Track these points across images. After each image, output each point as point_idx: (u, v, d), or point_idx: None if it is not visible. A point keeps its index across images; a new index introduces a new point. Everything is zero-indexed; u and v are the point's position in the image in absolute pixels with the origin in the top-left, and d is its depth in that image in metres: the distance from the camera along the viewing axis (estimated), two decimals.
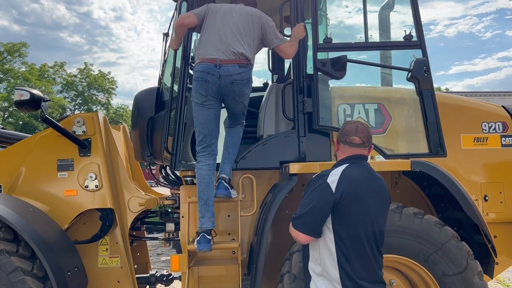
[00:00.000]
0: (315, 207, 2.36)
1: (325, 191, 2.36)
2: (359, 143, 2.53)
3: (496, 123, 3.78)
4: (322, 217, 2.37)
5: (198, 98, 3.34)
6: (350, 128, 2.56)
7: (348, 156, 2.54)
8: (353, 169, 2.47)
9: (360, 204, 2.39)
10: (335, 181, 2.37)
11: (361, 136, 2.54)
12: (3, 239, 3.21)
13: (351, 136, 2.54)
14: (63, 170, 3.87)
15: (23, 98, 3.52)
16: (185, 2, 3.67)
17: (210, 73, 3.29)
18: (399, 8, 4.17)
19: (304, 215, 2.38)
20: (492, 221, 3.57)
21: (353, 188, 2.39)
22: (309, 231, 2.38)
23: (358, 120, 2.70)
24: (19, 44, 35.03)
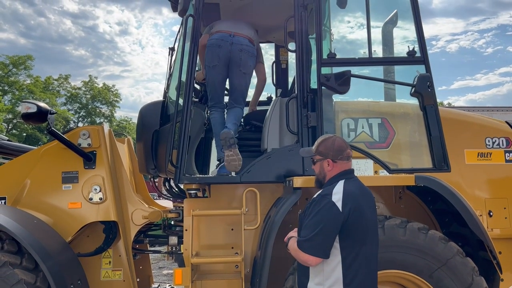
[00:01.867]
0: (325, 228, 2.32)
1: (332, 211, 2.33)
2: (351, 156, 2.57)
3: (500, 139, 3.78)
4: (332, 237, 2.34)
5: (210, 61, 3.90)
6: (341, 143, 2.57)
7: (341, 171, 2.52)
8: (351, 185, 2.46)
9: (364, 219, 2.38)
10: (340, 199, 2.35)
11: (350, 148, 2.58)
12: (7, 251, 3.21)
13: (347, 150, 2.55)
14: (68, 183, 3.88)
15: (30, 110, 3.56)
16: (191, 18, 3.72)
17: (224, 40, 3.92)
18: (402, 24, 4.21)
19: (314, 237, 2.32)
20: (497, 237, 3.54)
21: (357, 204, 2.38)
22: (320, 253, 2.33)
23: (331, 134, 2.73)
24: (25, 57, 35.42)
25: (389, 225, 3.06)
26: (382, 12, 4.32)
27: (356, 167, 3.61)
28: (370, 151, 3.55)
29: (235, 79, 4.03)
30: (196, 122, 3.99)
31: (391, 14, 4.28)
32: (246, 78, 4.04)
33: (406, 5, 3.72)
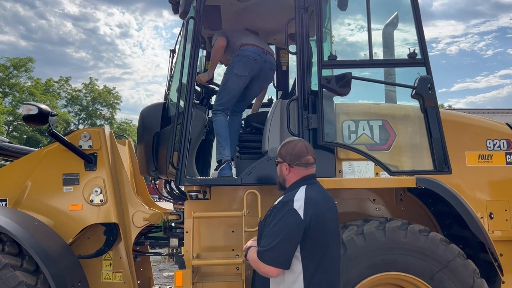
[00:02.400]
0: (287, 237, 2.23)
1: (294, 219, 2.24)
2: (313, 162, 2.47)
3: (500, 141, 3.78)
4: (294, 247, 2.25)
5: (240, 70, 4.04)
6: (301, 148, 2.47)
7: (303, 177, 2.45)
8: (312, 191, 2.39)
9: (326, 226, 2.31)
10: (301, 206, 2.27)
11: (312, 154, 2.48)
12: (8, 253, 3.21)
13: (306, 156, 2.45)
14: (69, 185, 3.88)
15: (31, 112, 3.56)
16: (192, 20, 3.72)
17: (260, 56, 4.14)
18: (403, 26, 4.22)
19: (275, 247, 2.23)
20: (498, 239, 3.53)
21: (319, 211, 2.31)
22: (281, 264, 2.24)
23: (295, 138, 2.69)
24: (25, 59, 35.46)
25: (390, 227, 3.07)
26: (383, 15, 4.33)
27: (357, 169, 3.62)
28: (371, 153, 3.55)
29: (253, 92, 4.32)
30: (197, 124, 3.99)
31: (392, 17, 4.29)
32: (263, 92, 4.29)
33: (406, 7, 3.72)
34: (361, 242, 3.02)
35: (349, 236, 3.05)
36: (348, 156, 3.61)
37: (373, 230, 3.05)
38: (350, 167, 3.64)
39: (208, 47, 5.14)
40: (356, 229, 3.09)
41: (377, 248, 3.02)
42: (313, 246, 2.27)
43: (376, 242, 3.02)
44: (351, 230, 3.09)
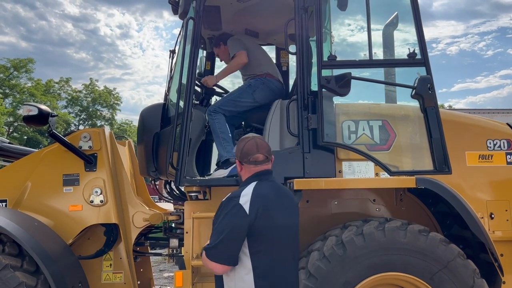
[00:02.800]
0: (231, 233, 2.23)
1: (239, 214, 2.25)
2: (263, 160, 2.48)
3: (501, 141, 3.77)
4: (239, 243, 2.26)
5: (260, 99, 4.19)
6: (250, 147, 2.48)
7: (255, 173, 2.47)
8: (262, 186, 2.40)
9: (275, 223, 2.31)
10: (247, 201, 2.28)
11: (263, 152, 2.49)
12: (8, 253, 3.21)
13: (255, 155, 2.47)
14: (69, 185, 3.88)
15: (31, 113, 3.57)
16: (191, 20, 3.73)
17: (281, 92, 4.34)
18: (403, 26, 4.22)
19: (220, 244, 2.24)
20: (498, 239, 3.52)
21: (266, 206, 2.31)
22: (227, 261, 2.25)
23: (254, 135, 2.70)
24: (26, 60, 35.48)
25: (389, 228, 3.06)
26: (383, 15, 4.33)
27: (357, 169, 3.62)
28: (371, 153, 3.55)
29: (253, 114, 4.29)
30: (197, 124, 3.99)
31: (392, 17, 4.29)
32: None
33: (406, 7, 3.72)
34: (361, 243, 3.01)
35: (349, 236, 3.04)
36: (348, 156, 3.61)
37: (373, 230, 3.04)
38: (350, 167, 3.64)
39: (208, 47, 5.14)
40: (355, 229, 3.08)
41: (377, 249, 3.01)
42: (261, 242, 2.28)
43: (375, 242, 3.01)
44: (351, 231, 3.08)
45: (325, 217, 3.73)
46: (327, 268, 2.98)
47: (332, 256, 3.00)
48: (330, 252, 3.01)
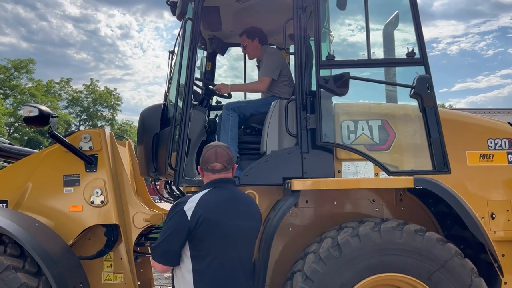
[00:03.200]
0: (170, 235, 2.39)
1: (180, 219, 2.39)
2: (220, 169, 2.57)
3: (502, 140, 3.76)
4: (176, 245, 2.40)
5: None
6: (209, 155, 2.59)
7: (212, 180, 2.59)
8: (214, 194, 2.51)
9: (219, 229, 2.40)
10: (191, 208, 2.41)
11: (221, 161, 2.58)
12: (10, 254, 3.22)
13: (212, 163, 2.57)
14: (69, 186, 3.89)
15: (32, 114, 3.57)
16: (190, 21, 3.73)
17: None
18: (403, 26, 4.22)
19: (160, 244, 2.42)
20: (500, 239, 3.51)
21: (211, 213, 2.41)
22: (164, 261, 2.42)
23: (218, 143, 2.78)
24: (26, 60, 35.53)
25: (385, 228, 3.04)
26: (383, 14, 4.33)
27: (357, 169, 3.62)
28: (370, 153, 3.55)
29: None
30: (197, 125, 4.00)
31: (392, 16, 4.29)
32: None
33: (406, 6, 3.72)
34: (357, 244, 2.99)
35: (344, 238, 3.03)
36: (347, 156, 3.61)
37: (368, 231, 3.02)
38: (349, 168, 3.64)
39: (209, 48, 5.15)
40: (351, 230, 3.07)
41: (373, 250, 2.99)
42: (202, 248, 2.39)
43: (371, 243, 3.00)
44: (346, 232, 3.07)
45: (324, 218, 3.73)
46: (323, 270, 2.97)
47: (328, 258, 2.99)
48: (326, 254, 3.00)
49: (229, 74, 17.07)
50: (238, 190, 2.67)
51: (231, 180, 2.66)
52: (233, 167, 2.67)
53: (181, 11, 3.90)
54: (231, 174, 2.67)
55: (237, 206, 2.54)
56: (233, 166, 2.67)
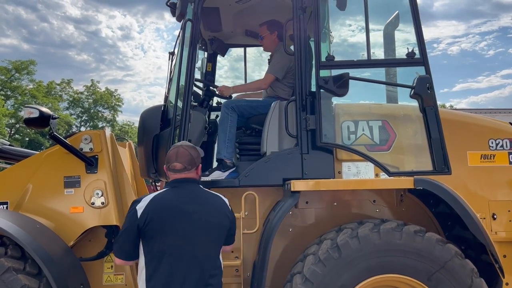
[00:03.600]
0: (124, 232, 2.54)
1: (132, 218, 2.51)
2: (180, 169, 2.61)
3: (503, 140, 3.76)
4: (129, 242, 2.52)
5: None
6: (171, 155, 2.64)
7: (173, 180, 2.63)
8: (169, 193, 2.58)
9: (168, 228, 2.46)
10: (143, 207, 2.49)
11: (181, 161, 2.61)
12: (11, 256, 3.22)
13: (173, 163, 2.62)
14: (70, 187, 3.89)
15: (32, 115, 3.57)
16: (189, 22, 3.73)
17: None
18: (403, 26, 4.22)
19: (118, 239, 2.60)
20: (501, 240, 3.51)
21: (160, 212, 2.48)
22: (120, 255, 2.57)
23: (183, 143, 2.79)
24: (27, 61, 35.57)
25: (385, 229, 3.05)
26: (383, 15, 4.33)
27: (357, 170, 3.62)
28: (371, 153, 3.55)
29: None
30: (197, 126, 3.99)
31: (392, 16, 4.29)
32: None
33: (406, 7, 3.72)
34: (356, 245, 3.00)
35: (344, 239, 3.03)
36: (347, 157, 3.61)
37: (368, 232, 3.02)
38: (350, 168, 3.64)
39: (209, 49, 5.15)
40: (350, 232, 3.07)
41: (373, 251, 2.99)
42: (153, 246, 2.46)
43: (371, 244, 3.00)
44: (345, 233, 3.07)
45: (325, 219, 3.73)
46: (322, 272, 2.97)
47: (328, 260, 2.99)
48: (325, 255, 3.00)
49: (229, 75, 17.02)
50: (199, 190, 2.65)
51: (192, 180, 2.66)
52: (196, 167, 2.67)
53: (180, 12, 3.91)
54: (194, 174, 2.68)
55: (192, 206, 2.54)
56: (197, 166, 2.67)
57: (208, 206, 2.59)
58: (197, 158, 2.69)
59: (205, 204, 2.60)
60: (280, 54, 4.28)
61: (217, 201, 2.67)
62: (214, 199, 2.67)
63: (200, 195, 2.64)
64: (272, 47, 4.47)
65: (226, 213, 2.65)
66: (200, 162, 2.72)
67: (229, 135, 4.02)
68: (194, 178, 2.68)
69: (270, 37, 4.43)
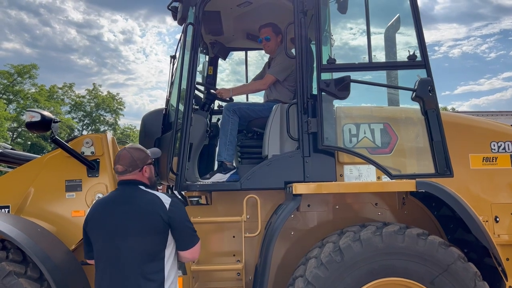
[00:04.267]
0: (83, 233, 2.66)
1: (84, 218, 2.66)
2: (121, 171, 2.64)
3: (505, 143, 3.75)
4: (85, 242, 2.67)
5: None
6: (116, 157, 2.70)
7: (118, 181, 2.69)
8: (109, 195, 2.71)
9: (101, 228, 2.54)
10: (90, 207, 2.67)
11: (122, 163, 2.63)
12: (12, 260, 3.22)
13: (115, 166, 2.68)
14: (71, 191, 3.89)
15: (34, 119, 3.58)
16: (191, 26, 3.74)
17: None
18: (404, 29, 4.22)
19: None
20: (504, 243, 3.49)
21: (96, 213, 2.59)
22: (86, 256, 2.71)
23: (131, 145, 2.78)
24: (30, 66, 35.68)
25: (387, 232, 3.03)
26: (384, 18, 4.33)
27: (359, 172, 3.62)
28: (372, 156, 3.54)
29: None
30: (199, 129, 4.00)
31: (393, 19, 4.29)
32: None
33: (407, 9, 3.72)
34: (358, 249, 2.98)
35: (346, 242, 3.02)
36: (349, 160, 3.60)
37: (370, 235, 3.01)
38: (351, 171, 3.64)
39: (210, 52, 5.16)
40: (352, 235, 3.06)
41: (375, 254, 2.98)
42: (94, 245, 2.58)
43: (373, 247, 2.98)
44: (348, 237, 3.06)
45: (327, 222, 3.72)
46: (325, 275, 2.96)
47: (330, 263, 2.98)
48: (328, 259, 2.99)
49: (231, 78, 17.06)
50: (136, 191, 2.60)
51: (132, 182, 2.64)
52: (140, 168, 2.64)
53: (182, 16, 3.92)
54: (137, 175, 2.65)
55: (125, 206, 2.54)
56: (141, 168, 2.65)
57: (138, 208, 2.53)
58: (141, 159, 2.65)
59: (136, 205, 2.54)
60: (282, 56, 4.26)
61: (151, 202, 2.55)
62: (149, 200, 2.56)
63: (134, 196, 2.58)
64: (275, 49, 4.47)
65: (159, 214, 2.50)
66: (147, 163, 2.68)
67: (230, 138, 4.01)
68: (135, 180, 2.65)
69: (274, 40, 4.44)
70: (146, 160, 2.70)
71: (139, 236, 2.48)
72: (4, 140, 28.54)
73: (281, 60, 4.25)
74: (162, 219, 2.50)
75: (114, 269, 2.46)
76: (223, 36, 4.95)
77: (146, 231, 2.50)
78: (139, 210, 2.53)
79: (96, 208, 2.63)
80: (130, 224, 2.50)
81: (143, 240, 2.48)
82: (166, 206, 2.56)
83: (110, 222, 2.53)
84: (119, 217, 2.52)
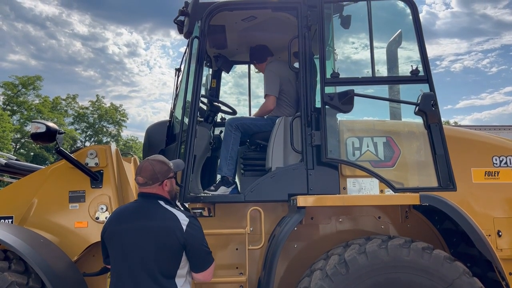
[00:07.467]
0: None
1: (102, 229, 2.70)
2: (142, 183, 2.63)
3: (507, 157, 3.76)
4: (103, 248, 2.71)
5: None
6: (137, 168, 2.69)
7: (138, 193, 2.69)
8: (129, 206, 2.70)
9: (118, 241, 2.54)
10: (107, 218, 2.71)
11: (144, 175, 2.62)
12: (14, 270, 3.21)
13: (136, 177, 2.67)
14: (75, 202, 3.89)
15: (39, 130, 3.60)
16: (196, 39, 3.79)
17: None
18: (406, 44, 4.26)
19: None
20: (507, 257, 3.48)
21: (114, 225, 2.59)
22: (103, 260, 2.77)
23: (154, 157, 2.76)
24: (34, 77, 36.00)
25: (392, 245, 3.02)
26: (387, 33, 4.37)
27: (362, 186, 3.62)
28: (375, 170, 3.55)
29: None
30: (202, 141, 4.02)
31: (395, 34, 4.33)
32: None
33: (409, 25, 3.76)
34: (364, 261, 2.97)
35: (351, 255, 3.01)
36: (352, 173, 3.61)
37: (376, 248, 3.00)
38: (355, 184, 3.64)
39: (214, 65, 5.21)
40: (358, 247, 3.05)
41: (380, 267, 2.97)
42: (110, 255, 2.61)
43: (378, 260, 2.97)
44: (353, 249, 3.05)
45: (330, 235, 3.71)
46: (329, 287, 2.94)
47: (335, 275, 2.96)
48: (333, 271, 2.97)
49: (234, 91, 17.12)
50: (155, 206, 2.58)
51: (152, 195, 2.63)
52: (160, 182, 2.64)
53: (188, 29, 3.97)
54: (157, 189, 2.65)
55: (142, 221, 2.53)
56: (161, 182, 2.64)
57: (155, 226, 2.50)
58: (162, 173, 2.63)
59: (152, 223, 2.52)
60: (267, 73, 4.36)
61: (169, 219, 2.53)
62: (166, 219, 2.54)
63: (152, 212, 2.57)
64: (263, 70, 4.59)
65: (175, 235, 2.49)
66: (167, 177, 2.67)
67: (231, 153, 4.02)
68: (155, 194, 2.64)
69: (262, 66, 4.64)
70: (168, 174, 2.68)
71: (154, 255, 2.46)
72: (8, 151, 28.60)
73: (266, 77, 4.34)
74: (178, 241, 2.49)
75: (128, 285, 2.46)
76: (227, 49, 5.00)
77: (161, 251, 2.48)
78: (155, 229, 2.51)
79: (114, 218, 2.65)
80: (145, 242, 2.48)
81: (157, 259, 2.47)
82: (183, 227, 2.53)
83: (125, 236, 2.51)
84: (135, 234, 2.51)
